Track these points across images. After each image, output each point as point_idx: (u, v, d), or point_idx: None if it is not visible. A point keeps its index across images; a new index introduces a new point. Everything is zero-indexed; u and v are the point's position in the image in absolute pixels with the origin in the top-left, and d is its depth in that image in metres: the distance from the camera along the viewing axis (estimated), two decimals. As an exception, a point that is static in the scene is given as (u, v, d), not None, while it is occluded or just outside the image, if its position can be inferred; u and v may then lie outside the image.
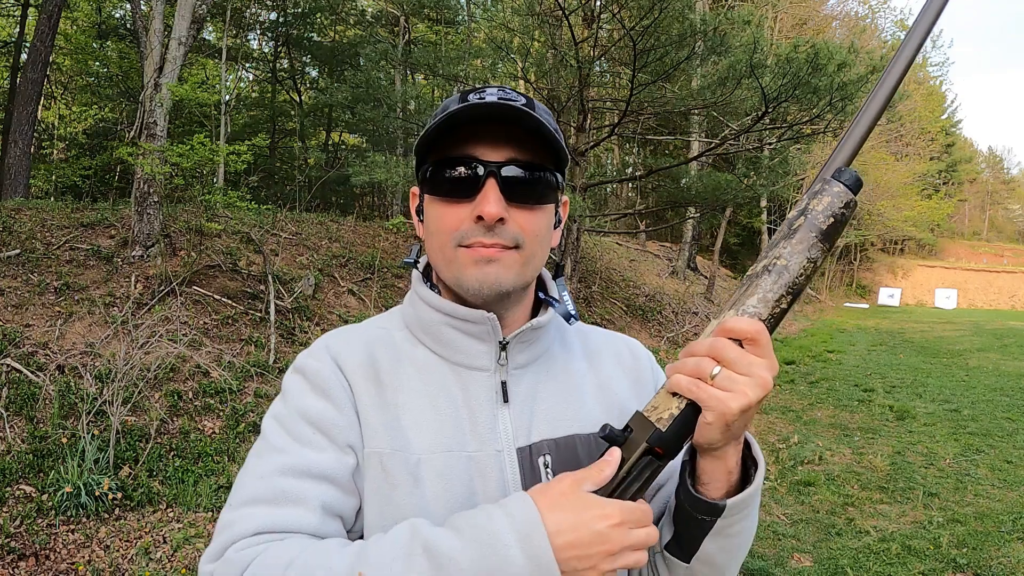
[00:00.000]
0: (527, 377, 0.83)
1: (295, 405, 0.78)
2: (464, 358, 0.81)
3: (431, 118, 0.79)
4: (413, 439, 0.77)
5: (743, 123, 9.14)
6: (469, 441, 0.78)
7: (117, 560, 3.40)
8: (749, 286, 0.68)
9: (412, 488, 0.75)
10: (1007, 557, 3.74)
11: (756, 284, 0.68)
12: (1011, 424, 6.96)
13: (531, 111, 0.74)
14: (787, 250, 0.67)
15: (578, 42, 8.24)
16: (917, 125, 27.94)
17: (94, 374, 4.71)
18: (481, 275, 0.76)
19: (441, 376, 0.81)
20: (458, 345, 0.81)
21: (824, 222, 0.68)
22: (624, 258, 16.99)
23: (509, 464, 0.78)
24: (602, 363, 0.91)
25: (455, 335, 0.81)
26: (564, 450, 0.80)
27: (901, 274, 37.60)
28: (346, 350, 0.81)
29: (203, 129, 10.74)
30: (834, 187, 0.68)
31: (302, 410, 0.77)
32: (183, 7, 6.58)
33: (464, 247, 0.77)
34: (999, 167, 60.46)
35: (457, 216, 0.77)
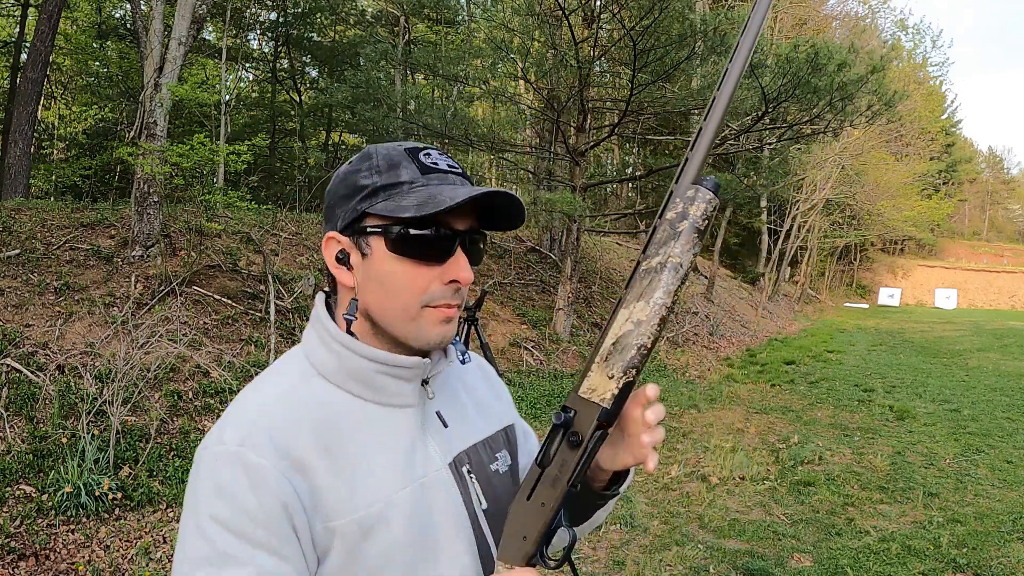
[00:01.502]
0: (438, 403, 0.92)
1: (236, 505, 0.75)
2: (392, 399, 0.85)
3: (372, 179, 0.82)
4: (374, 488, 0.80)
5: (743, 123, 9.13)
6: (417, 471, 0.84)
7: (117, 560, 3.40)
8: (651, 280, 0.79)
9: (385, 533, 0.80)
10: (1007, 557, 3.74)
11: (658, 279, 0.79)
12: (1011, 424, 6.96)
13: (515, 198, 0.84)
14: (678, 249, 0.78)
15: (578, 42, 8.24)
16: (917, 125, 27.90)
17: (94, 374, 4.71)
18: (443, 332, 0.83)
19: (377, 420, 0.84)
20: (389, 389, 0.85)
21: (702, 223, 0.79)
22: (624, 258, 16.99)
23: (448, 480, 0.87)
24: (470, 378, 1.03)
25: (388, 380, 0.84)
26: (475, 456, 0.92)
27: (901, 274, 37.61)
28: (287, 433, 0.78)
29: (203, 129, 10.73)
30: (705, 194, 0.80)
31: (242, 511, 0.74)
32: (183, 7, 6.58)
33: (431, 307, 0.82)
34: (999, 167, 60.46)
35: (427, 278, 0.81)
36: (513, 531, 0.83)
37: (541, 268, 12.04)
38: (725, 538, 4.00)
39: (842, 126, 8.50)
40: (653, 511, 4.42)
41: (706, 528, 4.15)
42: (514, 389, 7.35)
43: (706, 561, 3.68)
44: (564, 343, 9.14)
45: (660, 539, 3.96)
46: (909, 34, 41.48)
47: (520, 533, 0.83)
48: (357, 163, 0.85)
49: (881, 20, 31.44)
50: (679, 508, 4.48)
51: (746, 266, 25.61)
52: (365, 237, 0.82)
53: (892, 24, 38.34)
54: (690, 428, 6.67)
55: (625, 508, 4.32)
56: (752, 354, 12.12)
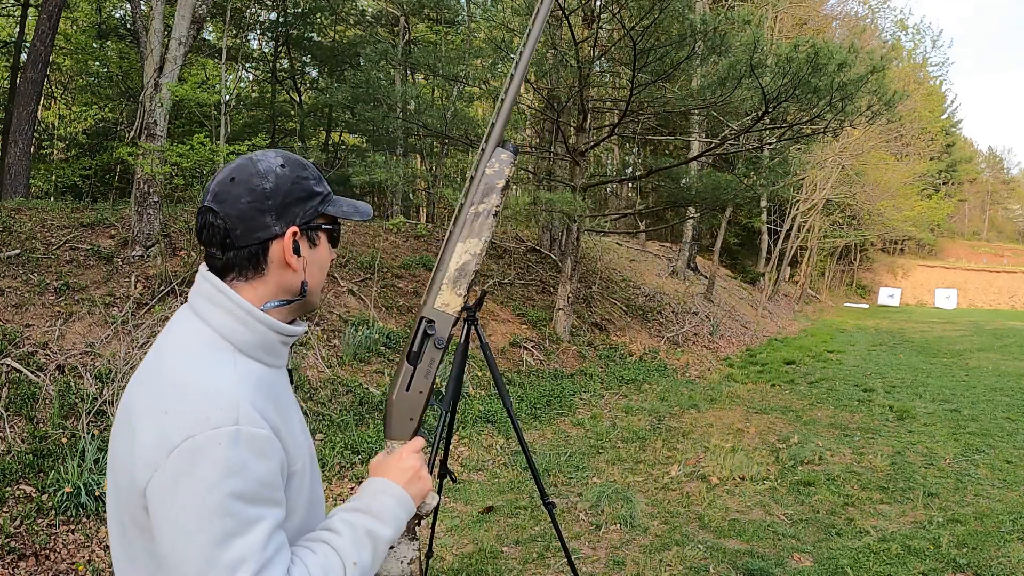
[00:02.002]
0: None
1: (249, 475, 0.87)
2: (280, 361, 1.04)
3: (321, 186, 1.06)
4: (302, 441, 1.04)
5: (743, 123, 9.13)
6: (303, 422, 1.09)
7: (117, 560, 3.40)
8: (480, 222, 1.12)
9: (310, 477, 1.05)
10: (1007, 557, 3.74)
11: (486, 223, 1.10)
12: (1011, 424, 6.96)
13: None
14: (496, 200, 1.10)
15: (578, 42, 8.23)
16: (917, 125, 27.87)
17: (94, 374, 4.71)
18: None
19: (279, 382, 1.04)
20: (281, 354, 1.04)
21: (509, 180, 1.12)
22: (624, 258, 16.98)
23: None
24: None
25: (283, 348, 1.04)
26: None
27: (901, 274, 37.60)
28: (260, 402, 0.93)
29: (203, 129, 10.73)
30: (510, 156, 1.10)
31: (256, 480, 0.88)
32: (183, 7, 6.58)
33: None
34: (999, 167, 60.44)
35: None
36: (400, 415, 1.14)
37: (541, 268, 12.04)
38: (725, 538, 4.00)
39: (842, 126, 8.49)
40: (653, 511, 4.42)
41: (706, 528, 4.15)
42: (514, 389, 7.35)
43: (706, 561, 3.68)
44: (564, 343, 9.14)
45: (660, 539, 3.95)
46: (909, 34, 41.42)
47: (407, 416, 1.14)
48: (296, 168, 1.02)
49: (881, 20, 31.41)
50: (679, 508, 4.48)
51: (746, 266, 25.60)
52: (316, 232, 1.03)
53: (892, 24, 38.31)
54: (690, 428, 6.67)
55: (625, 508, 4.32)
56: (752, 354, 12.12)
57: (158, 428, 0.86)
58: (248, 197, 0.97)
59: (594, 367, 8.82)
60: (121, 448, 0.92)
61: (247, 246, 0.97)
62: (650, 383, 8.76)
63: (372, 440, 5.17)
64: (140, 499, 0.88)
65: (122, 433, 0.93)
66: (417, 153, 18.56)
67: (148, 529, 0.88)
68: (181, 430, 0.84)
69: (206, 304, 0.97)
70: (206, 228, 0.98)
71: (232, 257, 0.98)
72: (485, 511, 4.33)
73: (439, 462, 2.70)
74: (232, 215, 0.96)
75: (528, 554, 3.73)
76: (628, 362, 9.54)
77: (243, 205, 0.96)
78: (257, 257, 0.98)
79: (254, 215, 0.97)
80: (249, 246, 0.97)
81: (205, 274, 0.99)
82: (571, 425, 6.63)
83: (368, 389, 5.99)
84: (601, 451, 5.79)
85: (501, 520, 4.20)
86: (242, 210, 0.96)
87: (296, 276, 1.01)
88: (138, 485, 0.87)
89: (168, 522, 0.84)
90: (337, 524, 0.99)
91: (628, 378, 8.79)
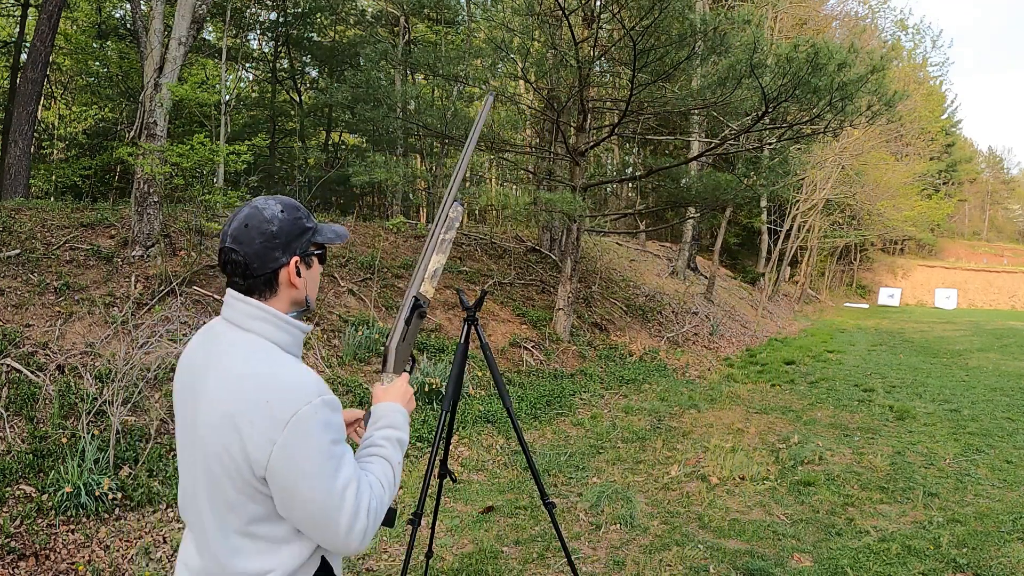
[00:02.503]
0: None
1: (336, 426, 1.27)
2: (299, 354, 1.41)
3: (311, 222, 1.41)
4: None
5: (743, 123, 9.12)
6: None
7: (117, 560, 3.40)
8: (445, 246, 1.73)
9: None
10: (1007, 557, 3.74)
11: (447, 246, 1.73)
12: (1011, 424, 6.96)
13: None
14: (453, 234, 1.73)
15: (578, 42, 8.23)
16: (917, 125, 27.84)
17: (94, 374, 4.71)
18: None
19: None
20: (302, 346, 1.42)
21: (457, 221, 1.76)
22: (624, 258, 16.98)
23: None
24: None
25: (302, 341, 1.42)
26: None
27: (901, 274, 37.59)
28: (322, 384, 1.30)
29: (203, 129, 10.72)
30: (460, 207, 1.76)
31: (339, 428, 1.28)
32: (183, 7, 6.58)
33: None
34: (999, 167, 60.41)
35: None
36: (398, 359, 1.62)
37: (541, 268, 12.04)
38: (725, 538, 4.00)
39: (842, 126, 8.48)
40: (653, 511, 4.42)
41: (706, 528, 4.15)
42: (514, 389, 7.35)
43: (706, 561, 3.68)
44: (564, 343, 9.14)
45: (660, 539, 3.96)
46: (909, 34, 41.40)
47: (402, 362, 1.63)
48: (292, 212, 1.36)
49: (881, 20, 31.40)
50: (679, 508, 4.48)
51: (746, 266, 25.60)
52: (310, 257, 1.40)
53: (892, 24, 38.29)
54: (690, 428, 6.67)
55: (625, 508, 4.32)
56: (752, 354, 12.12)
57: (268, 415, 1.20)
58: (260, 239, 1.30)
59: (594, 367, 8.82)
60: (227, 440, 1.23)
61: (263, 274, 1.32)
62: (650, 383, 8.76)
63: (372, 440, 5.16)
64: (252, 472, 1.22)
65: (226, 433, 1.23)
66: (417, 153, 18.55)
67: (262, 491, 1.24)
68: (287, 409, 1.21)
69: (249, 320, 1.32)
70: (229, 263, 1.31)
71: (252, 283, 1.32)
72: (485, 511, 4.33)
73: (439, 462, 2.70)
74: (250, 253, 1.30)
75: (528, 554, 3.73)
76: (628, 362, 9.54)
77: (257, 245, 1.30)
78: (271, 281, 1.33)
79: (267, 252, 1.31)
80: (264, 274, 1.32)
81: (240, 297, 1.33)
82: (571, 425, 6.63)
83: (368, 389, 5.99)
84: (601, 451, 5.79)
85: (501, 520, 4.20)
86: (257, 249, 1.30)
87: (300, 292, 1.38)
88: (254, 461, 1.21)
89: (294, 474, 1.20)
90: (378, 439, 1.43)
91: (628, 378, 8.79)
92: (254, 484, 1.23)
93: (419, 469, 4.97)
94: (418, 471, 4.93)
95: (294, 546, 1.29)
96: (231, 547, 1.28)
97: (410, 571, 3.39)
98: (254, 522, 1.27)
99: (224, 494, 1.26)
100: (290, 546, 1.29)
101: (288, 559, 1.28)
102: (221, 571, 1.30)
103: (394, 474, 1.40)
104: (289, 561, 1.28)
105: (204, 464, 1.28)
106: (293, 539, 1.29)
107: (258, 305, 1.32)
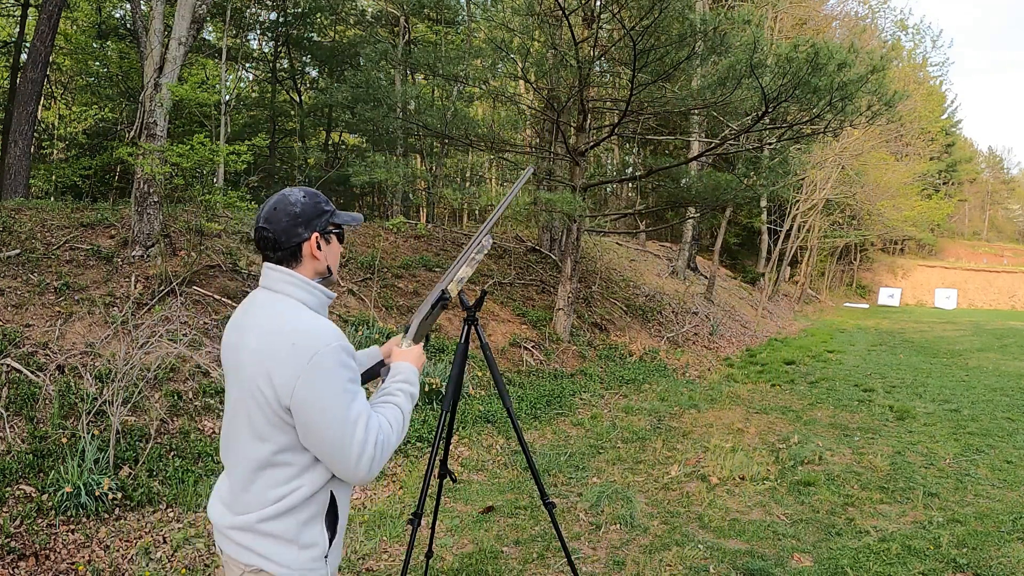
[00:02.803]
0: None
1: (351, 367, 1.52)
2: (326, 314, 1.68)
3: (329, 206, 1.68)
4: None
5: (743, 123, 9.12)
6: None
7: (117, 560, 3.40)
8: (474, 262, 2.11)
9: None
10: (1007, 557, 3.74)
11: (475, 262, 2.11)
12: (1011, 424, 6.96)
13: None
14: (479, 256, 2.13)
15: (578, 42, 8.23)
16: (917, 125, 27.83)
17: (94, 374, 4.71)
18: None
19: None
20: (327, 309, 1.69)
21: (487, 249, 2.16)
22: (624, 258, 16.98)
23: None
24: None
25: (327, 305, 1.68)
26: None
27: (901, 274, 37.59)
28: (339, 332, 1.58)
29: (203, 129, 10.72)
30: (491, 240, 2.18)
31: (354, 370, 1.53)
32: (183, 7, 6.58)
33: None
34: (999, 167, 60.39)
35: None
36: (419, 333, 1.90)
37: (541, 268, 12.04)
38: (725, 538, 4.00)
39: (842, 126, 8.48)
40: (653, 511, 4.42)
41: (706, 528, 4.15)
42: (514, 389, 7.35)
43: (706, 561, 3.68)
44: (564, 343, 9.14)
45: (660, 539, 3.96)
46: (909, 34, 41.39)
47: (420, 335, 1.92)
48: (313, 197, 1.64)
49: (881, 20, 31.37)
50: (679, 508, 4.48)
51: (746, 266, 25.60)
52: (329, 235, 1.66)
53: (892, 24, 38.28)
54: (690, 428, 6.67)
55: (625, 508, 4.32)
56: (752, 354, 12.12)
57: (293, 354, 1.45)
58: (286, 218, 1.59)
59: (594, 367, 8.82)
60: (261, 379, 1.48)
61: (289, 247, 1.59)
62: (650, 383, 8.76)
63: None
64: (279, 405, 1.47)
65: (258, 374, 1.49)
66: (417, 153, 18.55)
67: (287, 422, 1.49)
68: (309, 349, 1.45)
69: (280, 283, 1.59)
70: (262, 240, 1.60)
71: (281, 255, 1.59)
72: (485, 511, 4.33)
73: (439, 462, 2.70)
74: (278, 230, 1.58)
75: (528, 554, 3.73)
76: (628, 362, 9.54)
77: (284, 223, 1.58)
78: (296, 253, 1.60)
79: (291, 228, 1.59)
80: (291, 247, 1.59)
81: (272, 267, 1.60)
82: (571, 425, 6.63)
83: (368, 389, 5.98)
84: (601, 451, 5.79)
85: (501, 520, 4.20)
86: (284, 226, 1.58)
87: (321, 263, 1.64)
88: (281, 394, 1.45)
89: (314, 405, 1.44)
90: (393, 389, 1.69)
91: (628, 378, 8.79)
92: (281, 415, 1.48)
93: (419, 469, 4.97)
94: (418, 471, 4.93)
95: (307, 476, 1.53)
96: (260, 476, 1.53)
97: (410, 571, 3.39)
98: (280, 452, 1.51)
99: (258, 428, 1.51)
100: (306, 475, 1.53)
101: (303, 488, 1.52)
102: (248, 495, 1.55)
103: (403, 419, 1.63)
104: (304, 490, 1.52)
105: (244, 405, 1.54)
106: (308, 471, 1.53)
107: (287, 271, 1.59)
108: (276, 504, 1.53)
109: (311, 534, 1.55)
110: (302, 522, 1.54)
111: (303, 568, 1.54)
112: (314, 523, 1.56)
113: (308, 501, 1.54)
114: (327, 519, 1.58)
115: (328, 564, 1.59)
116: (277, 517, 1.53)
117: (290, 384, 1.44)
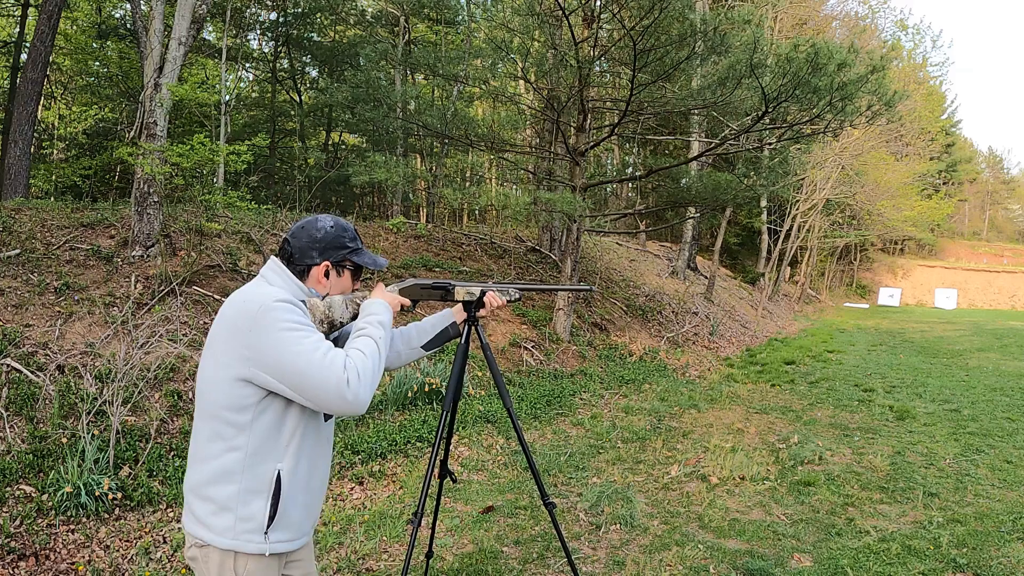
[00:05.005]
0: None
1: (299, 314, 1.62)
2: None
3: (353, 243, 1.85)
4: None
5: (743, 123, 9.12)
6: None
7: (117, 560, 3.40)
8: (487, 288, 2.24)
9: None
10: (1007, 557, 3.74)
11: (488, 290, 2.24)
12: (1011, 424, 6.96)
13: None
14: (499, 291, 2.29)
15: (578, 42, 8.23)
16: (917, 125, 27.83)
17: (94, 374, 4.71)
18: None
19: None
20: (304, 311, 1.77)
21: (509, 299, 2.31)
22: (624, 258, 16.98)
23: None
24: None
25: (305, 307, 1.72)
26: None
27: (901, 274, 37.60)
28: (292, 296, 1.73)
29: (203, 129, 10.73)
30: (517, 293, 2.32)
31: (302, 316, 1.63)
32: (183, 7, 6.58)
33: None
34: (999, 167, 60.38)
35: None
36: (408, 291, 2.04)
37: (541, 268, 12.04)
38: (725, 538, 4.00)
39: (842, 126, 8.48)
40: (653, 511, 4.42)
41: (706, 528, 4.15)
42: (514, 389, 7.35)
43: (706, 561, 3.68)
44: (564, 343, 9.14)
45: (660, 539, 3.95)
46: (909, 34, 41.45)
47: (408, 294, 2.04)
48: (339, 230, 1.79)
49: (881, 20, 31.40)
50: (679, 508, 4.48)
51: (746, 266, 25.61)
52: (342, 268, 1.81)
53: (892, 24, 38.32)
54: (690, 428, 6.67)
55: (625, 508, 4.32)
56: (752, 354, 12.12)
57: (244, 310, 1.58)
58: (307, 239, 1.75)
59: (594, 367, 8.82)
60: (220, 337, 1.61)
61: (300, 266, 1.75)
62: (650, 383, 8.76)
63: (372, 440, 5.17)
64: (235, 356, 1.57)
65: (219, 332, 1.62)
66: (417, 153, 18.55)
67: (238, 377, 1.58)
68: (257, 304, 1.57)
69: (267, 271, 1.75)
70: (283, 250, 1.77)
71: (291, 267, 1.75)
72: (485, 511, 4.33)
73: (439, 462, 2.70)
74: (296, 247, 1.75)
75: (528, 554, 3.73)
76: (628, 362, 9.54)
77: (303, 243, 1.75)
78: (303, 273, 1.76)
79: (307, 250, 1.75)
80: (301, 265, 1.75)
81: (275, 260, 1.76)
82: (571, 425, 6.63)
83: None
84: (601, 451, 5.79)
85: (501, 520, 4.20)
86: (302, 246, 1.75)
87: (323, 290, 1.78)
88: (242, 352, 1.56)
89: (271, 348, 1.54)
90: (362, 324, 1.74)
91: (628, 378, 8.79)
92: (235, 367, 1.57)
93: (419, 469, 4.97)
94: (418, 471, 4.93)
95: (242, 439, 1.60)
96: (206, 427, 1.63)
97: (410, 571, 3.39)
98: (224, 409, 1.60)
99: (209, 379, 1.62)
100: (240, 438, 1.60)
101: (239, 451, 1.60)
102: (196, 445, 1.65)
103: (377, 344, 1.68)
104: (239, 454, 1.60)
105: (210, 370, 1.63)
106: (244, 433, 1.60)
107: (278, 262, 1.75)
108: (216, 461, 1.60)
109: (249, 507, 1.61)
110: (241, 491, 1.60)
111: (237, 537, 1.60)
112: (254, 497, 1.61)
113: (248, 471, 1.60)
114: (272, 497, 1.62)
115: (269, 541, 1.63)
116: (216, 482, 1.60)
117: (245, 334, 1.56)
